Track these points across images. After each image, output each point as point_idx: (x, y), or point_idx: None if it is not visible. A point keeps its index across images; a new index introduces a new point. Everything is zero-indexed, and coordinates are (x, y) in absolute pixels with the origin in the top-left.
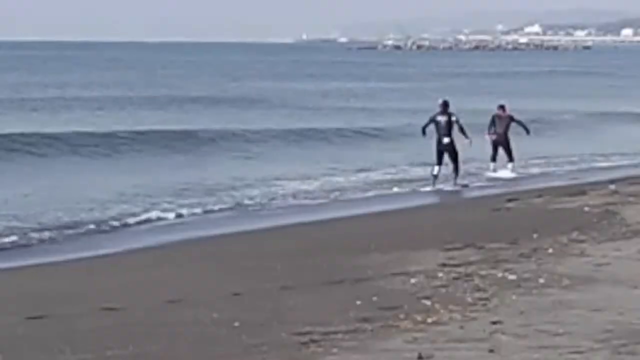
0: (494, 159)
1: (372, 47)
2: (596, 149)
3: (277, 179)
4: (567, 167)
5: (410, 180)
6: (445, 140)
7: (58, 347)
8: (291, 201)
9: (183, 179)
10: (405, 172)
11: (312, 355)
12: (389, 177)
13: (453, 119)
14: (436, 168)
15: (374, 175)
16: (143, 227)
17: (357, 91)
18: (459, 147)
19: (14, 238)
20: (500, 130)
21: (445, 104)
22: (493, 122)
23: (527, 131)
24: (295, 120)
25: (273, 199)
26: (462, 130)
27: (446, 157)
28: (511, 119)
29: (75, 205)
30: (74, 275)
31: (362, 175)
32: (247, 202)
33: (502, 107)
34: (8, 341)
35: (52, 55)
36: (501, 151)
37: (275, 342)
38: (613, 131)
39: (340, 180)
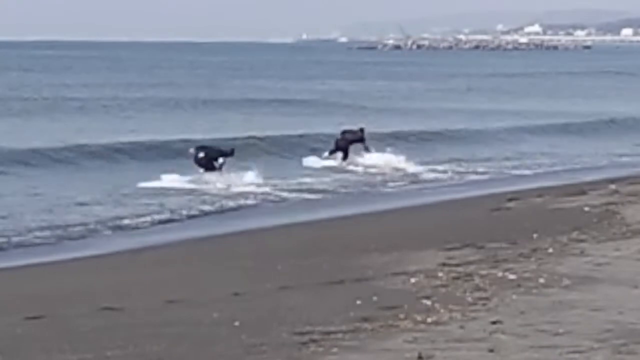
0: (332, 152)
1: (372, 47)
2: None
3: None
4: None
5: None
6: (200, 154)
7: (58, 347)
8: (290, 200)
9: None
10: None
11: (312, 355)
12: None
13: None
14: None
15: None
16: (142, 227)
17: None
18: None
19: (7, 237)
20: (349, 138)
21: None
22: (345, 132)
23: (367, 150)
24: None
25: (273, 197)
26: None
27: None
28: (362, 139)
29: (74, 205)
30: (74, 275)
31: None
32: (245, 201)
33: (361, 129)
34: (8, 341)
35: (48, 55)
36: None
37: (275, 342)
38: None
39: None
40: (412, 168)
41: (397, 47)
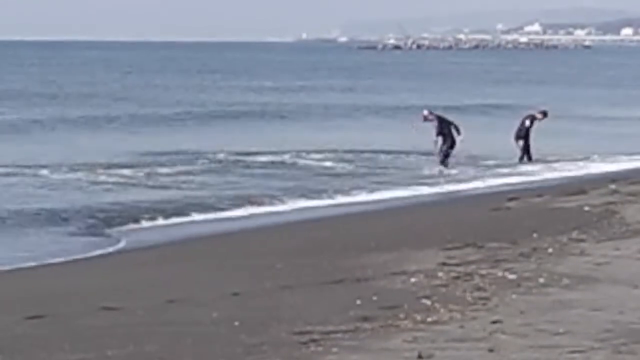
0: None
1: (372, 47)
2: None
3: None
4: None
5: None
6: None
7: (58, 346)
8: (291, 199)
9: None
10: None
11: (312, 355)
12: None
13: None
14: None
15: None
16: (141, 226)
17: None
18: None
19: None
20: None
21: None
22: None
23: None
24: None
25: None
26: None
27: None
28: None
29: (73, 204)
30: (74, 275)
31: None
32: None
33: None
34: (8, 341)
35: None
36: None
37: (275, 341)
38: None
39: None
40: None
41: (397, 47)
